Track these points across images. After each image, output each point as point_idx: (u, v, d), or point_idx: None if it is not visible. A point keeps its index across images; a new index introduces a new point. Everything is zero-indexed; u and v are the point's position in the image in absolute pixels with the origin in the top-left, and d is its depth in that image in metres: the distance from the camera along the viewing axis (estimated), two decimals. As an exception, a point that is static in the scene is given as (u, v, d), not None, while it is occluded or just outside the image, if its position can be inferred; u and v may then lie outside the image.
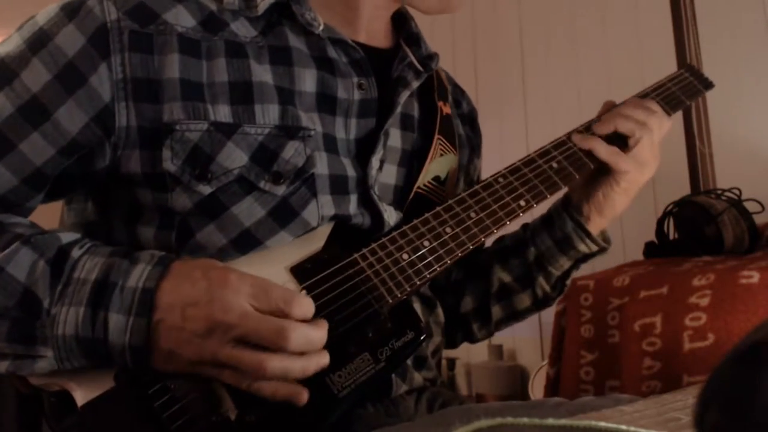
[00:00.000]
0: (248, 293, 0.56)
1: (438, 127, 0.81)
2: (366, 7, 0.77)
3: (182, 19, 0.66)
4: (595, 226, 0.84)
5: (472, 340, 0.92)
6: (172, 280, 0.57)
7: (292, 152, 0.67)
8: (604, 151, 0.79)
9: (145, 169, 0.65)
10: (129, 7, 0.65)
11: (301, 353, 0.57)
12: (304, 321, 0.58)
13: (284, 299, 0.57)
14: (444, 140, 0.82)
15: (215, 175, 0.64)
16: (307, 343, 0.57)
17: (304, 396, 0.57)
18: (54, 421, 0.62)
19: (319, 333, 0.58)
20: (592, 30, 2.28)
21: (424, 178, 0.79)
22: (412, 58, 0.80)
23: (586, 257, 0.85)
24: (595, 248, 0.85)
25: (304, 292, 0.63)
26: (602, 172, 0.82)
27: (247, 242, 0.66)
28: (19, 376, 0.60)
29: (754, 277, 1.15)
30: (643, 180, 0.82)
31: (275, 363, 0.55)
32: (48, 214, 0.75)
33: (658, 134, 0.82)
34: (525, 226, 0.90)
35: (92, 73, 0.63)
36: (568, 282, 0.88)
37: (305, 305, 0.58)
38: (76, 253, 0.59)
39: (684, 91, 0.91)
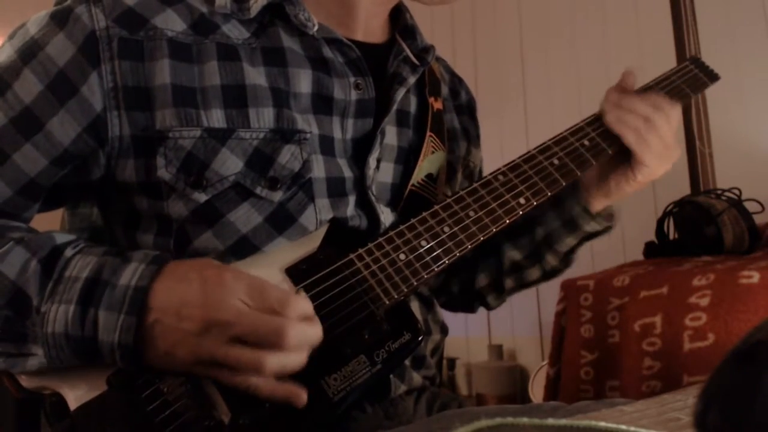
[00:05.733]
0: (244, 292, 0.56)
1: (429, 124, 0.80)
2: (361, 7, 0.76)
3: (172, 23, 0.65)
4: (600, 207, 0.85)
5: (489, 308, 0.97)
6: (166, 282, 0.56)
7: (288, 156, 0.66)
8: (634, 139, 0.79)
9: (140, 177, 0.65)
10: (117, 13, 0.64)
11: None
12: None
13: (279, 299, 0.56)
14: (435, 137, 0.81)
15: (210, 183, 0.64)
16: (304, 340, 0.56)
17: (303, 396, 0.57)
18: (53, 422, 0.61)
19: (315, 330, 0.58)
20: (592, 30, 2.28)
21: (418, 175, 0.78)
22: (408, 52, 0.79)
23: (592, 236, 0.87)
24: (599, 228, 0.86)
25: (302, 291, 0.62)
26: (619, 162, 0.81)
27: (244, 249, 0.65)
28: (12, 381, 0.59)
29: (754, 277, 1.14)
30: (659, 174, 0.82)
31: (273, 360, 0.54)
32: (48, 220, 0.75)
33: (668, 128, 0.80)
34: None
35: (83, 82, 0.62)
36: (574, 257, 0.89)
37: (301, 306, 0.57)
38: (68, 252, 0.59)
39: (689, 83, 0.89)
